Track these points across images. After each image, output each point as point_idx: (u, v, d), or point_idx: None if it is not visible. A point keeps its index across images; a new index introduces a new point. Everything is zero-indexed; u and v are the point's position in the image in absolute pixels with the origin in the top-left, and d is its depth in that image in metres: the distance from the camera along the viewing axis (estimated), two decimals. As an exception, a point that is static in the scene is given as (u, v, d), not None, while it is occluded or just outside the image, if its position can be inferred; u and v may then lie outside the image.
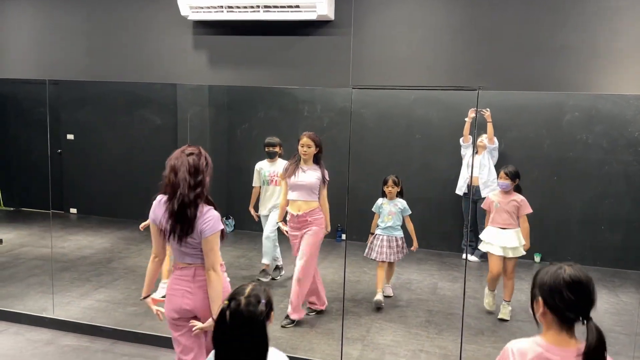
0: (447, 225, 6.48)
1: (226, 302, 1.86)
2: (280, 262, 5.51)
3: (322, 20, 3.58)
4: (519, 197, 4.56)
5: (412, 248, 4.87)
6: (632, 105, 5.83)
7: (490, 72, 3.40)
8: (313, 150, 4.38)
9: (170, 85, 6.27)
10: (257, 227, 5.66)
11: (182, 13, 3.77)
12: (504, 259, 4.57)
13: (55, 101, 6.59)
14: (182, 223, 2.61)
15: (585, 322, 1.65)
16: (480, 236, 4.74)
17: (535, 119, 6.15)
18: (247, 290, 1.88)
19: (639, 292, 5.43)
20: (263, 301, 1.86)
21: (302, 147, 4.37)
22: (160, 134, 7.00)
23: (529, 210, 4.55)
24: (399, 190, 4.85)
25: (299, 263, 4.32)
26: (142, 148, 7.04)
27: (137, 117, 7.17)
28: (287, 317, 4.35)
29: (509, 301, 4.60)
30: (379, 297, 4.76)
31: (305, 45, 3.71)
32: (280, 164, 5.10)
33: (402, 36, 3.54)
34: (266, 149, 5.31)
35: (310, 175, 4.36)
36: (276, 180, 5.28)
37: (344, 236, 6.58)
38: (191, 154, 2.68)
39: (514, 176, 4.55)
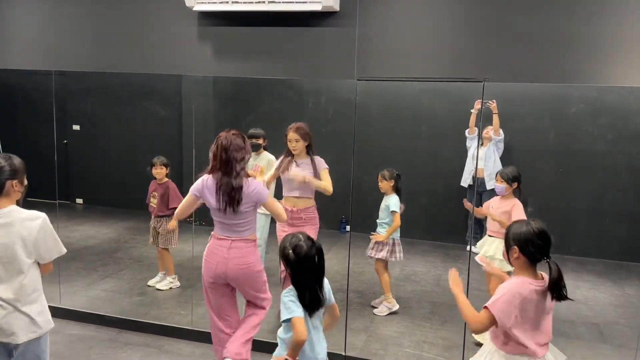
0: (452, 217, 6.48)
1: (290, 251, 2.43)
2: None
3: (327, 11, 3.57)
4: (512, 202, 4.06)
5: (372, 236, 4.53)
6: (637, 97, 5.79)
7: (496, 64, 3.39)
8: (302, 144, 4.07)
9: (175, 76, 6.26)
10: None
11: (187, 4, 3.78)
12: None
13: (61, 92, 6.61)
14: (234, 194, 3.02)
15: (547, 260, 2.29)
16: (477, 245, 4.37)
17: (541, 111, 6.12)
18: (301, 237, 2.48)
19: (644, 284, 5.43)
20: (315, 240, 2.50)
21: (290, 142, 4.08)
22: (165, 125, 7.02)
23: (521, 217, 3.89)
24: (392, 185, 4.52)
25: None
26: (147, 139, 7.06)
27: (142, 108, 7.18)
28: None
29: None
30: (377, 309, 4.60)
31: (310, 37, 3.70)
32: (265, 157, 4.91)
33: (408, 27, 3.53)
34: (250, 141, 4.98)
35: (304, 170, 4.08)
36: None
37: (348, 227, 6.59)
38: (234, 134, 3.09)
39: (509, 179, 4.06)
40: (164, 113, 7.08)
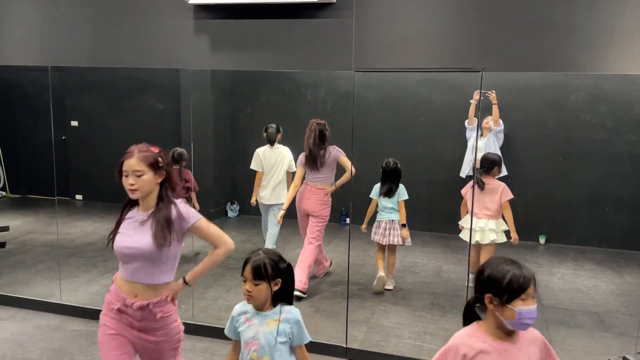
0: (452, 208, 6.46)
1: (285, 265, 2.34)
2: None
3: (323, 2, 3.55)
4: (499, 185, 4.47)
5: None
6: (637, 85, 5.78)
7: (494, 53, 3.37)
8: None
9: (172, 70, 6.23)
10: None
11: (183, -3, 3.75)
12: (480, 247, 4.56)
13: (58, 88, 6.59)
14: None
15: None
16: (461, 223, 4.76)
17: (540, 100, 6.11)
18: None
19: (644, 272, 5.44)
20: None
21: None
22: (164, 119, 7.00)
23: (509, 197, 4.42)
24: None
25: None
26: (145, 133, 7.04)
27: (140, 103, 7.16)
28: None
29: None
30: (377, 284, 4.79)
31: (307, 28, 3.68)
32: (280, 149, 5.12)
33: (405, 17, 3.51)
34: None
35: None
36: None
37: (348, 220, 6.59)
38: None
39: (483, 166, 4.49)
40: (162, 107, 7.06)
